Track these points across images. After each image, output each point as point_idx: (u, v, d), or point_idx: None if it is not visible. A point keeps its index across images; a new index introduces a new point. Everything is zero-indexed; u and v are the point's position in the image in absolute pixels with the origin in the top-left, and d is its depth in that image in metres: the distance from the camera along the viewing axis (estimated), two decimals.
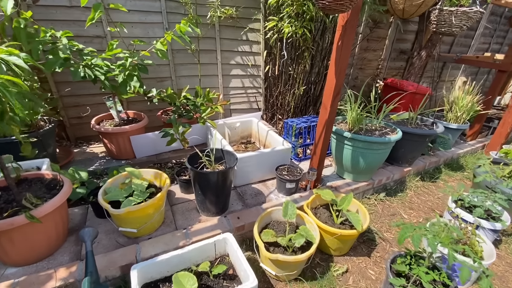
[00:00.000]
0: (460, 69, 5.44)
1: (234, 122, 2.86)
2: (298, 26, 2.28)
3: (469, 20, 1.97)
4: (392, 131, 2.39)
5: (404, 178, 2.76)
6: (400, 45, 4.35)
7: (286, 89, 3.02)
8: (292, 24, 2.29)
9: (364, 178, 2.44)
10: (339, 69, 1.87)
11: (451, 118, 3.20)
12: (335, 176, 2.55)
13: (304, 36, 2.46)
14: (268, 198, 2.17)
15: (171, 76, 3.00)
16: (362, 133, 2.29)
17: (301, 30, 2.30)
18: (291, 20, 2.32)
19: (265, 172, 2.33)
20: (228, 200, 2.01)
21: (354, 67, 4.10)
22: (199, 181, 1.78)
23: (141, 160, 2.62)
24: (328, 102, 2.00)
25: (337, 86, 1.93)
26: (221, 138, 2.42)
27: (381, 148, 2.18)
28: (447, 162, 3.19)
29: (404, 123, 2.75)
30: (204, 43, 2.99)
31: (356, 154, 2.25)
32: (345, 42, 1.78)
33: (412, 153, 2.65)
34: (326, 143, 2.17)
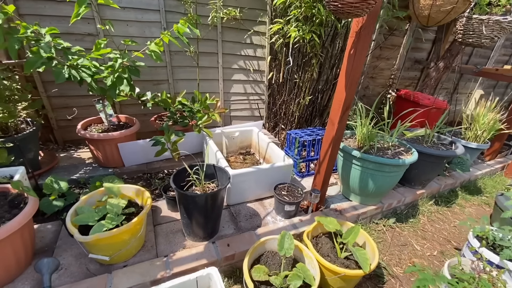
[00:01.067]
0: (477, 82, 5.14)
1: (232, 131, 2.64)
2: (306, 30, 2.06)
3: (502, 30, 1.73)
4: (407, 151, 2.15)
5: (417, 201, 2.50)
6: (415, 54, 4.09)
7: (291, 98, 2.80)
8: (299, 28, 2.08)
9: (372, 202, 2.19)
10: (350, 81, 1.64)
11: (470, 137, 2.93)
12: (340, 197, 2.31)
13: (313, 42, 2.24)
14: (265, 221, 1.94)
15: (168, 79, 2.81)
16: (373, 152, 2.05)
17: (309, 35, 2.08)
18: (298, 24, 2.10)
19: (263, 190, 2.11)
20: (218, 223, 1.79)
21: (365, 75, 3.86)
22: (184, 203, 1.57)
23: (130, 169, 2.42)
24: (336, 118, 1.78)
25: (347, 100, 1.70)
26: (216, 150, 2.21)
27: (394, 170, 1.94)
28: (464, 184, 2.92)
29: (419, 140, 2.50)
30: (205, 45, 2.79)
31: (365, 175, 2.01)
32: (358, 50, 1.55)
33: (426, 174, 2.40)
34: (331, 162, 1.94)
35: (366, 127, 2.06)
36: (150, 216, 1.87)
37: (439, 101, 3.14)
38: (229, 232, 1.80)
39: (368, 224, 2.21)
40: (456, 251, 2.05)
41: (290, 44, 2.25)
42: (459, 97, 5.05)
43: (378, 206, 2.20)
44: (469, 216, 2.48)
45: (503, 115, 2.92)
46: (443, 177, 2.78)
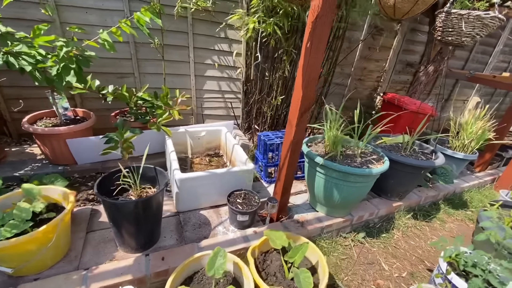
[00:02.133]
0: (474, 88, 4.91)
1: (198, 131, 2.46)
2: (270, 22, 1.87)
3: (484, 28, 1.53)
4: (379, 159, 1.94)
5: (393, 214, 2.29)
6: (407, 56, 3.88)
7: (262, 97, 2.61)
8: (261, 19, 1.88)
9: (340, 213, 1.99)
10: (308, 78, 1.45)
11: (457, 146, 2.71)
12: (307, 206, 2.11)
13: (277, 36, 2.04)
14: (214, 232, 1.75)
15: (133, 72, 2.63)
16: (339, 159, 1.85)
17: (271, 27, 1.88)
18: (260, 15, 1.91)
19: (219, 196, 1.92)
20: (157, 232, 1.61)
21: (352, 77, 3.66)
22: (109, 211, 1.38)
23: (82, 167, 2.24)
24: (294, 120, 1.58)
25: (304, 100, 1.51)
26: (171, 151, 2.02)
27: (360, 181, 1.74)
28: (448, 197, 2.70)
29: (398, 148, 2.30)
30: (175, 37, 2.61)
31: (330, 185, 1.82)
32: (314, 43, 1.36)
33: (403, 186, 2.19)
34: (291, 168, 1.74)
35: (333, 131, 1.86)
36: (85, 222, 1.69)
37: (426, 106, 2.93)
38: (169, 243, 1.61)
39: (335, 238, 2.01)
40: (429, 273, 1.84)
41: (259, 38, 2.06)
42: (454, 103, 4.83)
43: (346, 218, 2.00)
44: (449, 232, 2.27)
45: (494, 124, 2.71)
46: (425, 189, 2.57)
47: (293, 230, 1.80)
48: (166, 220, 1.79)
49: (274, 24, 1.85)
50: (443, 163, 2.06)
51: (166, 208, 1.89)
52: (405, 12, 1.65)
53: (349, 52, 3.14)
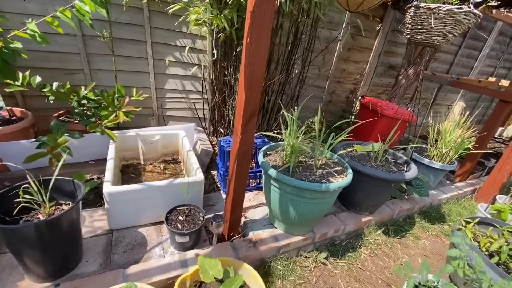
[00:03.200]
0: (459, 93, 4.78)
1: (151, 134, 2.22)
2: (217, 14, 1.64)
3: (457, 25, 1.33)
4: (343, 171, 1.74)
5: (362, 230, 2.10)
6: (389, 59, 3.71)
7: (223, 98, 2.38)
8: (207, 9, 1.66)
9: (300, 231, 1.78)
10: (250, 79, 1.23)
11: (435, 155, 2.54)
12: (266, 222, 1.90)
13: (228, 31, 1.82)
14: (149, 254, 1.52)
15: (83, 68, 2.38)
16: (297, 172, 1.64)
17: (217, 20, 1.66)
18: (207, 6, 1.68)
19: (163, 210, 1.67)
20: (76, 255, 1.37)
21: (330, 79, 3.47)
22: (2, 236, 1.14)
23: (15, 175, 1.98)
24: (238, 127, 1.36)
25: (249, 104, 1.29)
26: (110, 158, 1.78)
27: (317, 197, 1.53)
28: (424, 210, 2.52)
29: (369, 157, 2.10)
30: (129, 30, 2.36)
31: (285, 200, 1.60)
32: (254, 38, 1.14)
33: (372, 199, 2.00)
34: (241, 181, 1.52)
35: (292, 139, 1.64)
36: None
37: (404, 112, 2.75)
38: (90, 270, 1.37)
39: (294, 258, 1.79)
40: None
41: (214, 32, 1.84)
42: (438, 108, 4.70)
43: (307, 236, 1.79)
44: (422, 250, 2.09)
45: (475, 131, 2.54)
46: (400, 201, 2.38)
47: (243, 252, 1.58)
48: (94, 240, 1.55)
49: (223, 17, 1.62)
50: (414, 176, 1.87)
51: (100, 225, 1.65)
52: (359, 3, 1.44)
53: (321, 52, 2.94)
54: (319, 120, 1.83)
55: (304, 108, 3.53)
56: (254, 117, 1.35)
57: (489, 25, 4.15)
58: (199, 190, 1.75)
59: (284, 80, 2.43)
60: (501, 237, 1.64)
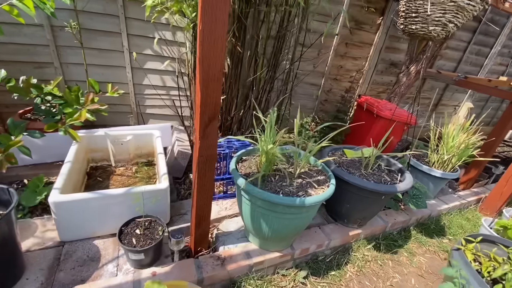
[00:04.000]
0: (467, 93, 4.49)
1: (122, 135, 2.04)
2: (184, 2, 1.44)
3: (460, 12, 1.11)
4: (325, 181, 1.53)
5: (350, 244, 1.90)
6: (391, 55, 3.45)
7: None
8: None
9: (276, 247, 1.59)
10: (206, 75, 1.03)
11: (436, 161, 2.31)
12: (240, 235, 1.71)
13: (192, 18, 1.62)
14: (100, 272, 1.35)
15: (53, 62, 2.20)
16: (273, 181, 1.44)
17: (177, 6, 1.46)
18: None
19: (120, 222, 1.49)
20: (13, 274, 1.20)
21: (326, 76, 3.24)
22: None
23: None
24: (197, 131, 1.17)
25: (206, 105, 1.10)
26: (67, 161, 1.61)
27: (291, 212, 1.33)
28: (422, 221, 2.30)
29: (359, 164, 1.88)
30: (102, 21, 2.18)
31: (257, 214, 1.41)
32: (207, 25, 0.94)
33: (360, 212, 1.79)
34: (205, 192, 1.33)
35: (266, 144, 1.44)
36: None
37: (402, 113, 2.51)
38: None
39: (270, 276, 1.61)
40: None
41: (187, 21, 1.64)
42: (443, 109, 4.42)
43: (285, 253, 1.60)
44: (417, 269, 1.88)
45: (481, 136, 2.29)
46: (395, 212, 2.17)
47: (208, 272, 1.40)
48: (41, 254, 1.38)
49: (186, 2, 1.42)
50: (408, 187, 1.65)
51: (51, 236, 1.48)
52: None
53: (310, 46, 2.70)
54: (311, 120, 1.64)
55: (298, 107, 3.32)
56: (215, 120, 1.15)
57: (501, 20, 3.84)
58: (163, 199, 1.57)
59: (270, 77, 2.22)
60: (507, 262, 1.42)
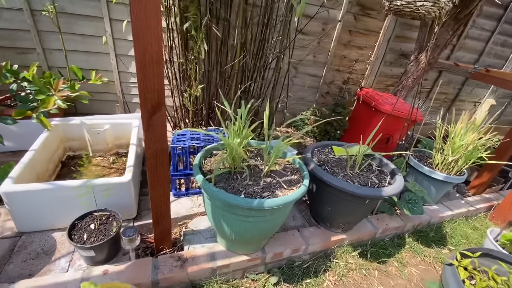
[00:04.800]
0: (489, 88, 4.07)
1: (99, 124, 1.97)
2: None
3: None
4: (299, 181, 1.38)
5: (332, 250, 1.74)
6: (402, 45, 3.15)
7: (177, 85, 2.07)
8: None
9: (244, 250, 1.47)
10: (143, 57, 0.91)
11: (439, 163, 2.07)
12: (210, 234, 1.60)
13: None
14: (51, 266, 1.29)
15: (35, 47, 2.16)
16: (238, 179, 1.31)
17: None
18: None
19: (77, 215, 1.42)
20: None
21: (328, 66, 3.01)
22: None
23: None
24: (143, 121, 1.05)
25: (147, 92, 0.98)
26: (34, 149, 1.56)
27: (252, 215, 1.19)
28: (419, 228, 2.09)
29: (345, 163, 1.70)
30: (83, 5, 2.10)
31: (217, 214, 1.29)
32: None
33: (343, 216, 1.62)
34: (160, 188, 1.23)
35: (232, 140, 1.30)
36: None
37: (405, 107, 2.27)
38: None
39: (238, 280, 1.49)
40: None
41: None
42: (461, 105, 4.04)
43: (254, 256, 1.47)
44: (407, 281, 1.69)
45: (495, 135, 2.01)
46: (388, 216, 1.97)
47: (165, 273, 1.31)
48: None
49: None
50: (396, 192, 1.46)
51: (11, 225, 1.44)
52: None
53: (297, 34, 2.49)
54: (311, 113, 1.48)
55: (298, 100, 3.14)
56: (160, 108, 1.03)
57: None
58: (125, 193, 1.48)
59: (255, 65, 2.05)
60: (504, 284, 1.21)
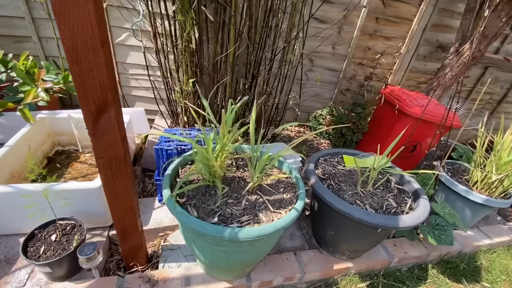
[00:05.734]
0: None
1: None
2: None
3: None
4: (291, 201, 1.11)
5: (334, 280, 1.46)
6: (440, 35, 2.69)
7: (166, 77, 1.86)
8: None
9: (225, 276, 1.25)
10: (72, 43, 0.69)
11: (478, 181, 1.68)
12: (190, 252, 1.40)
13: None
14: (7, 279, 1.16)
15: (31, 36, 2.07)
16: (216, 196, 1.08)
17: None
18: None
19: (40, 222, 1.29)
20: None
21: (349, 60, 2.66)
22: None
23: None
24: (89, 124, 0.85)
25: (85, 89, 0.77)
26: (8, 145, 1.44)
27: (225, 245, 0.96)
28: (447, 258, 1.73)
29: (354, 178, 1.40)
30: None
31: (188, 237, 1.07)
32: None
33: (349, 243, 1.34)
34: (121, 202, 1.04)
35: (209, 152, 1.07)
36: None
37: (438, 110, 1.88)
38: None
39: None
40: None
41: None
42: (508, 108, 3.45)
43: (237, 284, 1.25)
44: None
45: None
46: (408, 242, 1.64)
47: None
48: None
49: None
50: (417, 222, 1.14)
51: None
52: None
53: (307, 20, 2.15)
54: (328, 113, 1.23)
55: (312, 97, 2.82)
56: (107, 109, 0.82)
57: None
58: (96, 200, 1.31)
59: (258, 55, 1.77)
60: None
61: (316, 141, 2.86)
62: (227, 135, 1.10)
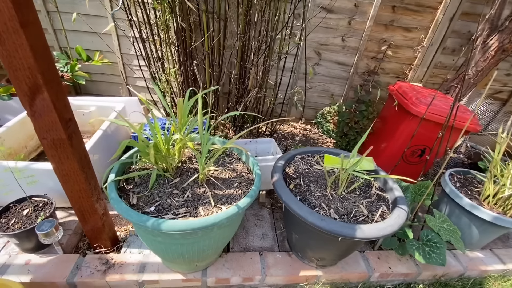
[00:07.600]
0: None
1: (85, 105, 1.95)
2: None
3: None
4: (239, 197, 1.05)
5: (301, 287, 1.36)
6: (471, 25, 2.34)
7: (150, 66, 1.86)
8: None
9: (179, 268, 1.23)
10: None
11: (490, 196, 1.42)
12: None
13: None
14: None
15: (47, 28, 2.25)
16: (163, 185, 1.06)
17: None
18: None
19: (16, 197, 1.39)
20: None
21: (361, 54, 2.45)
22: None
23: None
24: (26, 105, 0.88)
25: (15, 70, 0.79)
26: (6, 126, 1.58)
27: (159, 235, 0.93)
28: (443, 280, 1.50)
29: (332, 180, 1.27)
30: None
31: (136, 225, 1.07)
32: None
33: (313, 250, 1.22)
34: (72, 182, 1.07)
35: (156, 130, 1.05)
36: None
37: (443, 106, 1.63)
38: None
39: None
40: None
41: None
42: None
43: (192, 277, 1.23)
44: None
45: None
46: (396, 256, 1.46)
47: (83, 276, 1.18)
48: None
49: None
50: (381, 235, 0.99)
51: None
52: None
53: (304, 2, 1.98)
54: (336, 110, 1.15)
55: (320, 92, 2.66)
56: (40, 90, 0.84)
57: None
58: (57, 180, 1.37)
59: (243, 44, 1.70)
60: None
61: (321, 140, 2.71)
62: (184, 125, 1.07)
